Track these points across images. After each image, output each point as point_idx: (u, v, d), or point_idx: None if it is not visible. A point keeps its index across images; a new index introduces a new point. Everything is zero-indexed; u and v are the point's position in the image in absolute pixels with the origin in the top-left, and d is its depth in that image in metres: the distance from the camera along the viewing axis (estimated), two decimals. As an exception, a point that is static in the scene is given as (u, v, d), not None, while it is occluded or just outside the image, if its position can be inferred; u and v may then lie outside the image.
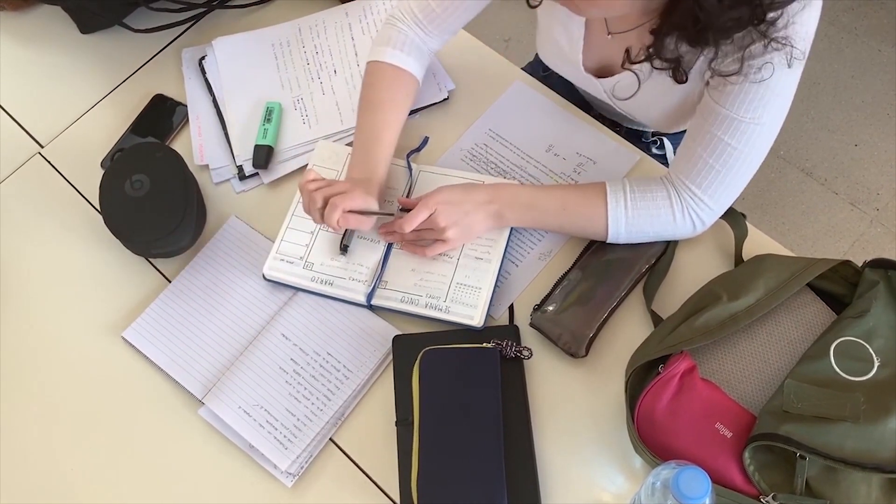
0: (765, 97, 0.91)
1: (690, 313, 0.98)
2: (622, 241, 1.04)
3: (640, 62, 0.99)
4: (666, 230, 1.04)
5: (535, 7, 1.04)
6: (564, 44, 1.12)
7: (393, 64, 1.11)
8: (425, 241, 1.07)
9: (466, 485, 0.94)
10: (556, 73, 1.24)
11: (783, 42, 0.86)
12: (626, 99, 1.11)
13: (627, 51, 1.01)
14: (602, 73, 1.13)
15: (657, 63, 0.93)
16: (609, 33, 1.05)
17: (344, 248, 1.09)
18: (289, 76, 1.27)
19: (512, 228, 1.10)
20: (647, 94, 1.09)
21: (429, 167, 1.16)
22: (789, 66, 0.89)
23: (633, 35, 1.02)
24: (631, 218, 1.02)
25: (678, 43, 0.91)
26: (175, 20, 1.31)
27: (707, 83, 0.97)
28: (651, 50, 0.93)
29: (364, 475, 1.00)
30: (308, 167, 1.15)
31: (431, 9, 1.11)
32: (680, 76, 0.95)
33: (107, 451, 1.03)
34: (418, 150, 1.19)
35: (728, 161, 0.96)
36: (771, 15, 0.84)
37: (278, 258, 1.10)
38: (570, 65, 1.14)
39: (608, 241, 1.05)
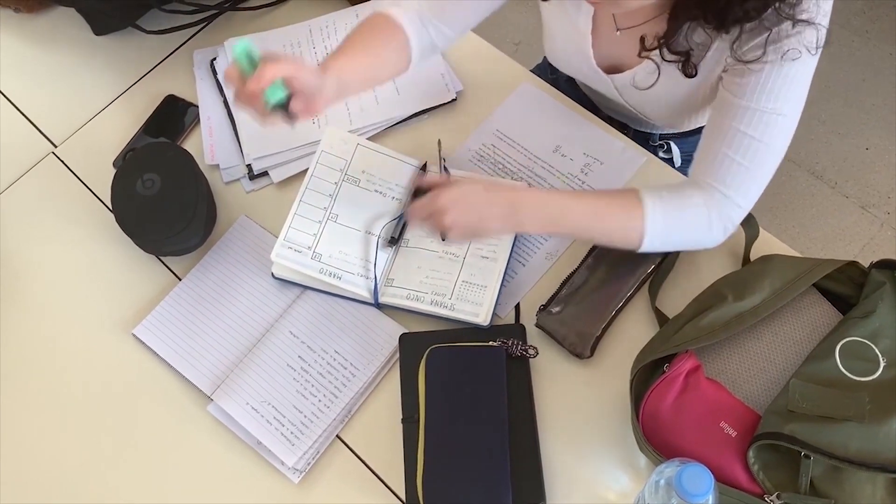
0: (784, 86, 0.90)
1: (696, 313, 0.98)
2: (651, 250, 0.99)
3: (654, 48, 0.96)
4: (698, 237, 0.99)
5: (545, 0, 1.03)
6: (573, 41, 1.12)
7: (389, 14, 1.03)
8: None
9: (471, 482, 0.94)
10: (564, 76, 1.25)
11: (810, 22, 0.85)
12: (644, 89, 1.09)
13: (642, 39, 0.98)
14: (611, 70, 1.12)
15: (668, 56, 0.93)
16: (617, 30, 1.05)
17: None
18: (299, 77, 1.28)
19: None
20: (656, 87, 1.08)
21: (434, 166, 1.17)
22: (816, 50, 0.87)
23: (642, 30, 1.02)
24: (669, 226, 0.97)
25: (689, 34, 0.90)
26: (187, 22, 1.32)
27: (721, 78, 0.96)
28: (663, 40, 0.92)
29: (370, 472, 1.01)
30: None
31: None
32: (689, 70, 0.94)
33: (116, 447, 1.05)
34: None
35: (754, 156, 0.93)
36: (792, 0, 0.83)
37: (286, 245, 1.10)
38: (580, 62, 1.13)
39: (639, 251, 0.99)
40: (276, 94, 0.91)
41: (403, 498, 0.98)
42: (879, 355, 0.91)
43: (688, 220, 0.98)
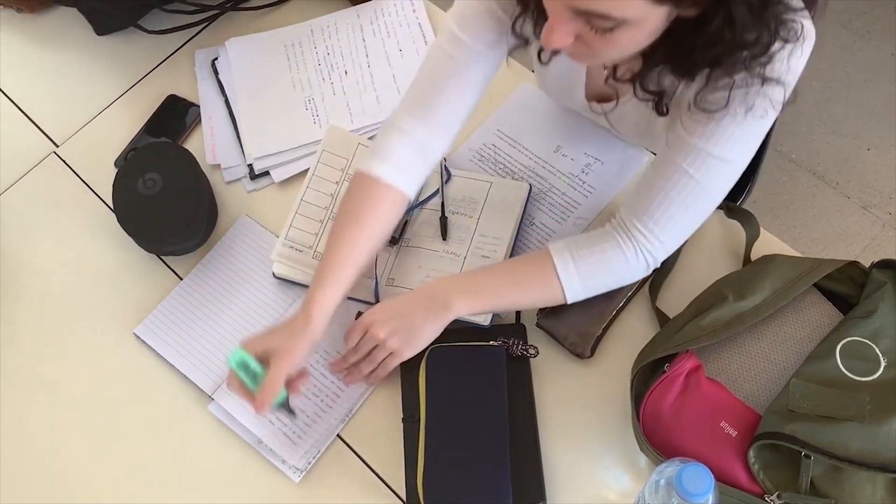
0: (740, 138, 0.87)
1: (697, 313, 0.98)
2: (582, 298, 0.99)
3: (624, 81, 0.93)
4: (621, 274, 0.99)
5: (546, 64, 0.98)
6: (567, 78, 1.09)
7: (372, 175, 1.00)
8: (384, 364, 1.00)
9: (472, 482, 0.94)
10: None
11: (779, 81, 0.83)
12: (610, 113, 1.09)
13: (615, 68, 0.96)
14: (601, 100, 1.10)
15: (640, 94, 0.90)
16: (605, 68, 1.04)
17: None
18: (300, 76, 1.28)
19: (520, 226, 1.11)
20: (635, 116, 1.06)
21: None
22: (781, 107, 0.86)
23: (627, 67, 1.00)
24: (585, 276, 0.97)
25: (661, 76, 0.89)
26: (189, 22, 1.32)
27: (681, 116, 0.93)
28: (637, 80, 0.89)
29: (371, 471, 1.01)
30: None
31: (425, 96, 1.00)
32: (661, 109, 0.91)
33: (117, 446, 1.05)
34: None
35: (688, 196, 0.92)
36: (763, 59, 0.80)
37: (287, 245, 1.10)
38: (573, 95, 1.11)
39: (568, 304, 0.99)
40: (278, 400, 0.95)
41: (404, 497, 0.98)
42: (880, 355, 0.92)
43: (604, 268, 0.98)
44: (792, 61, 0.83)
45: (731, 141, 0.88)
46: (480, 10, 0.95)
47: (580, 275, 0.97)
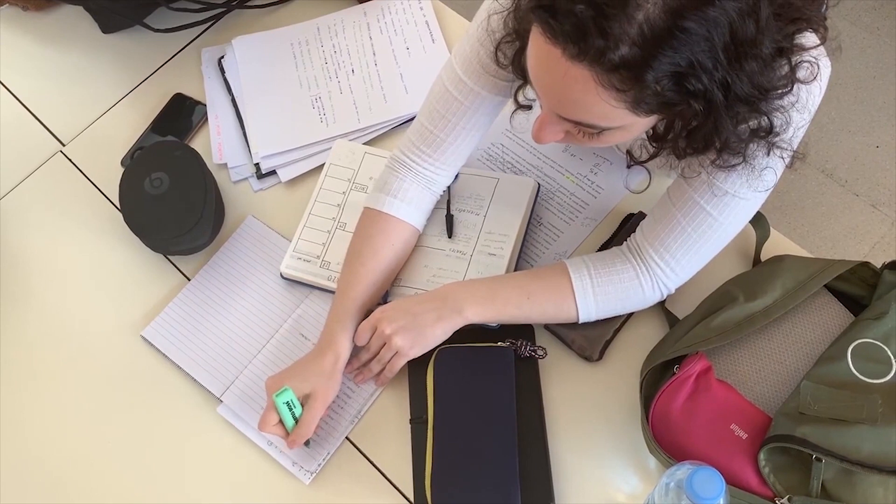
0: (754, 180, 0.87)
1: (707, 314, 0.97)
2: (593, 320, 1.00)
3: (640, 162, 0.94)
4: (636, 304, 1.00)
5: (525, 108, 0.98)
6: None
7: (382, 211, 1.04)
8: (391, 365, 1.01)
9: (480, 483, 0.94)
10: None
11: (785, 147, 0.83)
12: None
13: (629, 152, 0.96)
14: None
15: (657, 145, 0.87)
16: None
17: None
18: (307, 75, 1.27)
19: (528, 224, 1.10)
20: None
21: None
22: (790, 166, 0.86)
23: None
24: (601, 302, 0.98)
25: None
26: (195, 20, 1.32)
27: None
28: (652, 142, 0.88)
29: (379, 473, 1.01)
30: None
31: (433, 134, 1.01)
32: (679, 154, 0.92)
33: (126, 449, 1.05)
34: None
35: (706, 231, 0.92)
36: (773, 136, 0.81)
37: (295, 256, 1.11)
38: None
39: (580, 323, 1.00)
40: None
41: (412, 498, 0.98)
42: (892, 357, 0.91)
43: (619, 293, 0.98)
44: (809, 102, 0.83)
45: (746, 182, 0.87)
46: (482, 65, 0.95)
47: (596, 299, 0.98)
